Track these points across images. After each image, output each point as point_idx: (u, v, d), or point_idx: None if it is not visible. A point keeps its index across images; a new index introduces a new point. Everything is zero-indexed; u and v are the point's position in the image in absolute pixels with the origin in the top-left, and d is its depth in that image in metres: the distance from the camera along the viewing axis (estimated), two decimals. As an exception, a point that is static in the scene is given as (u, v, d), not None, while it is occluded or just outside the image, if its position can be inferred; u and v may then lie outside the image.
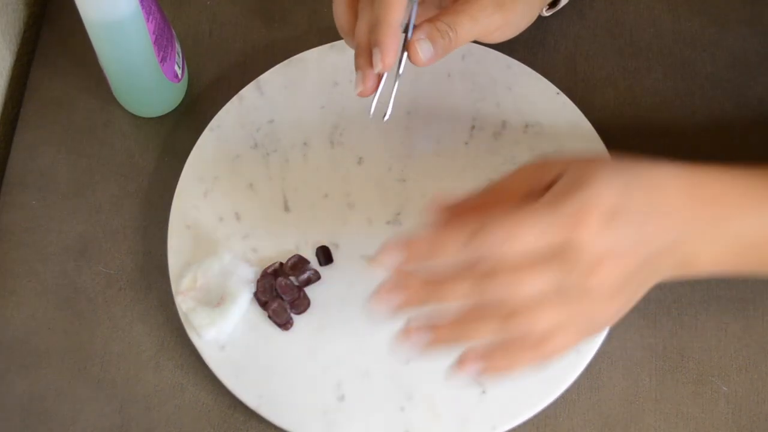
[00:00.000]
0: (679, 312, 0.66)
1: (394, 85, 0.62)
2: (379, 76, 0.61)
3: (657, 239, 0.54)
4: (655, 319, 0.66)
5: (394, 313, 0.53)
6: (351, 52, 0.73)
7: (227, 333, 0.65)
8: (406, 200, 0.69)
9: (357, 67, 0.62)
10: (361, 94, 0.62)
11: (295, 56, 0.74)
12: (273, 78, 0.73)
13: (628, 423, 0.64)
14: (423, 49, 0.61)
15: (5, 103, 0.78)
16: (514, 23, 0.65)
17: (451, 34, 0.61)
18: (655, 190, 0.54)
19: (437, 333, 0.53)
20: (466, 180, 0.68)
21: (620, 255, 0.52)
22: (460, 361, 0.54)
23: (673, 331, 0.66)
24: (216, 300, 0.66)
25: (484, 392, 0.63)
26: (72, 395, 0.67)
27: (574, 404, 0.64)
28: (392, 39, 0.60)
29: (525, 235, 0.51)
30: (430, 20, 0.62)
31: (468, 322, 0.53)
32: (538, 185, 0.55)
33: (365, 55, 0.61)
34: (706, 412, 0.64)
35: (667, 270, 0.55)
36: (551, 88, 0.72)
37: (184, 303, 0.66)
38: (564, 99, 0.71)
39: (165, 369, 0.67)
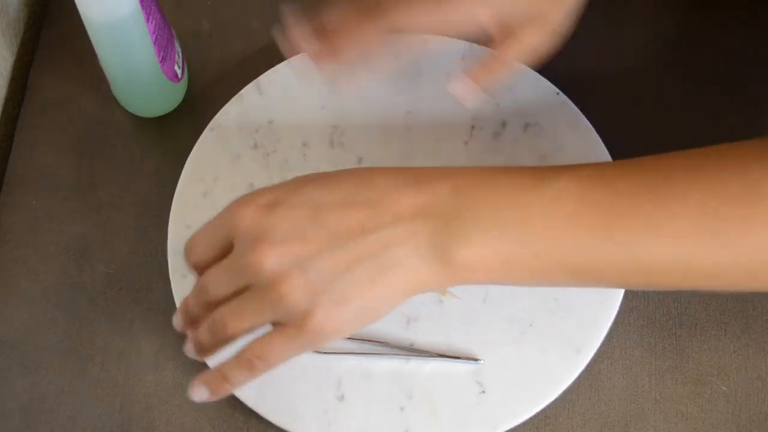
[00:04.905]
0: (678, 311, 0.66)
1: None
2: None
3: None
4: (655, 319, 0.66)
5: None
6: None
7: (227, 333, 0.65)
8: (406, 200, 0.69)
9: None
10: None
11: (295, 56, 0.74)
12: (273, 78, 0.73)
13: (628, 423, 0.64)
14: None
15: (5, 103, 0.78)
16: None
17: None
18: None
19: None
20: (466, 180, 0.68)
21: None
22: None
23: (672, 330, 0.66)
24: (216, 300, 0.66)
25: (483, 392, 0.63)
26: (72, 395, 0.67)
27: (573, 404, 0.64)
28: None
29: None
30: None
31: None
32: None
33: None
34: (706, 412, 0.64)
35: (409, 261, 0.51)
36: (551, 88, 0.72)
37: (184, 303, 0.66)
38: (564, 99, 0.71)
39: (165, 369, 0.67)
